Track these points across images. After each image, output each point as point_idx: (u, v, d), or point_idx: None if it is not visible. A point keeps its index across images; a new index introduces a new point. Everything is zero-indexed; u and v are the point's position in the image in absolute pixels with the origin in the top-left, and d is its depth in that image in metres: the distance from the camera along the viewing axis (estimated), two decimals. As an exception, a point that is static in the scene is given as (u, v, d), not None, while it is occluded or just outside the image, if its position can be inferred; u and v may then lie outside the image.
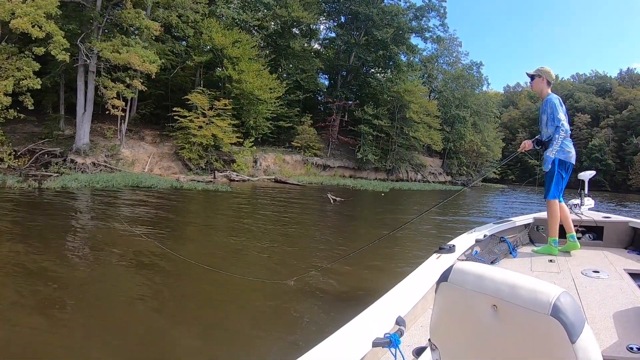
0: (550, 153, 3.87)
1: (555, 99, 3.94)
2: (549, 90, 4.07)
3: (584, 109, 73.20)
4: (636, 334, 2.12)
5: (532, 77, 4.10)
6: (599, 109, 74.65)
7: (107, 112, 19.99)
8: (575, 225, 4.24)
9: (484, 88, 56.31)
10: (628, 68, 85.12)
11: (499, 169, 59.73)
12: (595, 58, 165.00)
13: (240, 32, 28.36)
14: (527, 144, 4.21)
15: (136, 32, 21.53)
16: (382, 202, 20.46)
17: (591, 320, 2.29)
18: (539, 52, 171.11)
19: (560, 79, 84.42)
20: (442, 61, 51.92)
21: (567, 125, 3.87)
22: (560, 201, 4.09)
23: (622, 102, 72.25)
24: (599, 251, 4.12)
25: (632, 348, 1.94)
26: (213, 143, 24.02)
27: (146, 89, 23.19)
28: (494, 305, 1.01)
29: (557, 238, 4.02)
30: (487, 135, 52.72)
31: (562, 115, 3.84)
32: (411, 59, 41.24)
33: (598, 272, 3.25)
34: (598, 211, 5.32)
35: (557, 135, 3.83)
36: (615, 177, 66.02)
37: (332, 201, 16.33)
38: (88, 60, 19.61)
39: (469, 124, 48.93)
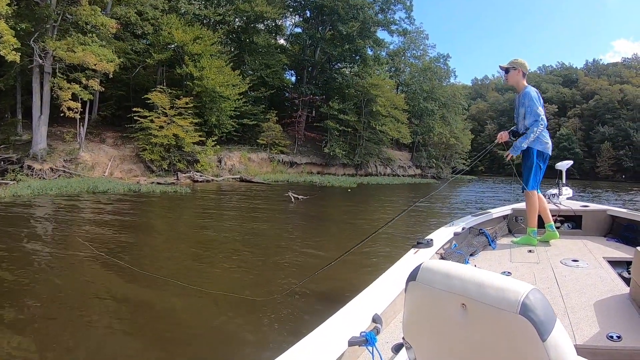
0: (524, 142, 4.01)
1: (533, 91, 4.03)
2: (525, 82, 4.15)
3: (551, 100, 75.63)
4: (616, 323, 2.17)
5: (506, 70, 4.16)
6: (565, 99, 77.55)
7: (62, 115, 19.82)
8: (553, 215, 4.43)
9: (452, 80, 57.65)
10: (594, 59, 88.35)
11: (469, 160, 61.20)
12: (561, 51, 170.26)
13: (201, 28, 28.56)
14: (503, 136, 4.30)
15: (93, 30, 21.24)
16: (348, 198, 20.61)
17: (571, 309, 2.35)
18: (505, 45, 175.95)
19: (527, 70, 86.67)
20: (409, 54, 52.92)
21: (545, 119, 3.99)
22: (537, 192, 4.20)
23: (588, 92, 75.23)
24: (578, 240, 4.23)
25: (612, 337, 2.00)
26: (175, 143, 24.27)
27: (104, 89, 23.19)
28: (463, 304, 1.02)
29: (536, 228, 4.13)
30: (455, 127, 54.02)
31: (541, 109, 3.95)
32: (378, 52, 41.72)
33: (577, 261, 3.33)
34: (576, 200, 5.51)
35: (535, 128, 3.94)
36: (583, 165, 68.47)
37: (293, 200, 16.33)
38: (42, 61, 19.58)
39: (437, 117, 50.10)
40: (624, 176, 63.26)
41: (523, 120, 4.12)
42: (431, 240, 3.26)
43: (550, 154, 4.23)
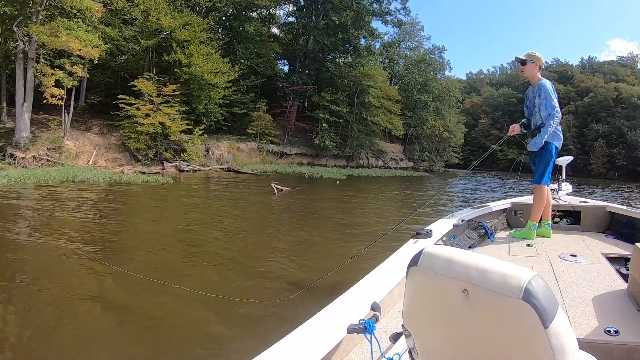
0: (544, 137, 4.06)
1: (549, 84, 4.09)
2: (540, 75, 4.20)
3: (546, 95, 75.52)
4: (613, 317, 2.20)
5: (523, 62, 4.16)
6: (560, 95, 75.36)
7: (45, 102, 19.53)
8: (553, 210, 4.50)
9: (446, 73, 57.43)
10: (589, 56, 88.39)
11: (462, 154, 61.55)
12: (556, 48, 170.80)
13: (191, 14, 28.27)
14: (515, 128, 4.36)
15: (79, 14, 20.79)
16: (336, 191, 20.44)
17: (569, 303, 2.40)
18: (500, 40, 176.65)
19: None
20: (404, 46, 52.73)
21: (560, 112, 4.05)
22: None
23: (583, 89, 75.51)
24: (576, 235, 4.30)
25: (609, 331, 2.03)
26: (161, 132, 24.12)
27: (91, 76, 22.84)
28: (465, 290, 1.01)
29: (538, 223, 4.19)
30: (449, 120, 54.07)
31: (556, 102, 4.02)
32: (371, 42, 41.59)
33: (576, 256, 3.38)
34: (576, 196, 5.57)
35: (552, 121, 3.99)
36: (576, 162, 68.62)
37: (275, 191, 16.05)
38: (24, 45, 19.29)
39: (430, 109, 50.06)
40: (616, 174, 63.80)
41: (538, 112, 4.16)
42: (430, 231, 3.31)
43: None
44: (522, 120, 4.42)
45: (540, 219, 4.29)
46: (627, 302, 2.41)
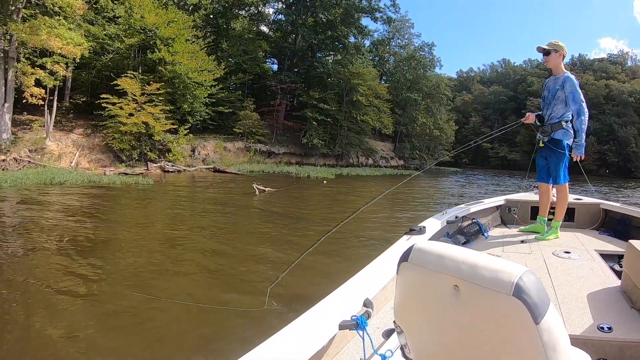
0: (583, 137, 3.99)
1: (575, 79, 4.05)
2: (563, 67, 4.17)
3: (536, 93, 75.99)
4: (607, 314, 2.23)
5: (547, 52, 4.12)
6: (552, 92, 77.71)
7: (25, 101, 19.38)
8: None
9: (437, 70, 57.37)
10: (579, 54, 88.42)
11: (452, 152, 61.62)
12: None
13: (176, 11, 28.15)
14: (530, 117, 4.30)
15: (60, 11, 20.54)
16: (322, 191, 20.25)
17: (562, 300, 2.42)
18: (490, 38, 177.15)
19: (512, 63, 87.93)
20: (394, 44, 52.72)
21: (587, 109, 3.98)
22: (549, 184, 4.34)
23: (573, 86, 75.45)
24: (570, 232, 4.33)
25: (602, 328, 2.06)
26: (145, 131, 23.87)
27: (77, 75, 22.53)
28: (456, 286, 1.01)
29: (546, 219, 4.28)
30: (439, 118, 54.14)
31: (583, 98, 3.96)
32: (360, 40, 41.58)
33: (569, 252, 3.41)
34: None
35: (583, 117, 3.94)
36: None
37: (257, 192, 15.85)
38: (4, 44, 19.14)
39: (421, 107, 50.20)
40: (607, 171, 64.12)
41: (561, 105, 4.11)
42: (424, 227, 3.32)
43: None
44: (537, 112, 4.39)
45: (537, 214, 4.42)
46: (621, 299, 2.45)
